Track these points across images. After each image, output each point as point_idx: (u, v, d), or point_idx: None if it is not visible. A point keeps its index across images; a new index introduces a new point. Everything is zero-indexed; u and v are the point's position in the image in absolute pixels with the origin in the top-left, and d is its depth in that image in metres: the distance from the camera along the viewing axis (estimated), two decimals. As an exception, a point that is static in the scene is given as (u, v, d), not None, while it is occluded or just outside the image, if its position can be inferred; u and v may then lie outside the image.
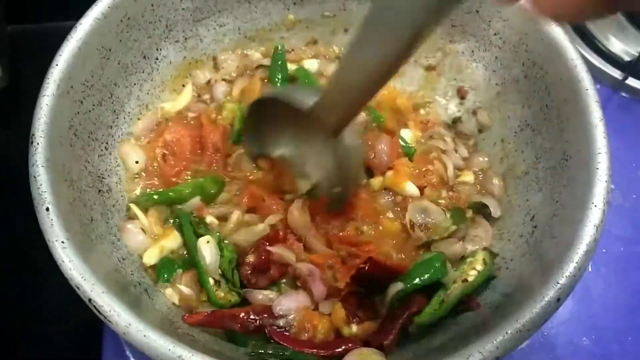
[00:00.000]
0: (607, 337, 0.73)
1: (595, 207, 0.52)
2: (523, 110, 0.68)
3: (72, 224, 0.53)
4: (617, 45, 0.92)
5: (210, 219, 0.64)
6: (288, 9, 0.76)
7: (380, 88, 0.49)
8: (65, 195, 0.55)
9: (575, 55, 0.61)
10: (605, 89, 0.90)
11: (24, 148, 0.55)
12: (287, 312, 0.57)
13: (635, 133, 0.87)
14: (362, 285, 0.60)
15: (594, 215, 0.52)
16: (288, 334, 0.56)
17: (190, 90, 0.74)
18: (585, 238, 0.51)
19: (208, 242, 0.61)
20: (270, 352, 0.54)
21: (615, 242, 0.78)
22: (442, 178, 0.68)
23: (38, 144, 0.54)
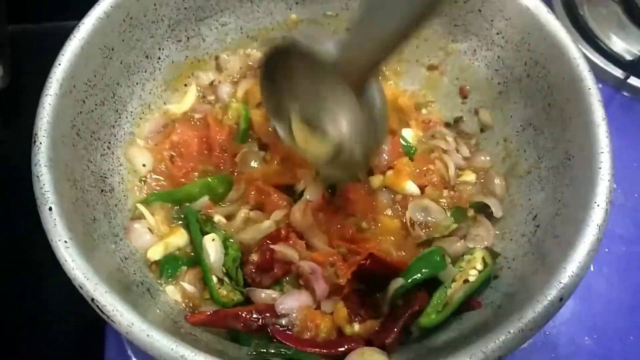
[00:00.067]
0: (608, 336, 0.72)
1: (598, 206, 0.52)
2: (525, 110, 0.68)
3: (74, 224, 0.53)
4: (618, 45, 0.92)
5: (218, 218, 0.64)
6: (290, 9, 0.76)
7: (409, 33, 0.43)
8: (68, 195, 0.55)
9: (578, 54, 0.61)
10: (607, 88, 0.90)
11: (25, 148, 0.55)
12: (289, 311, 0.57)
13: (637, 132, 0.87)
14: (363, 282, 0.60)
15: (597, 215, 0.52)
16: (290, 333, 0.56)
17: (195, 92, 0.74)
18: (588, 237, 0.51)
19: (213, 240, 0.61)
20: (273, 351, 0.54)
21: (617, 241, 0.78)
22: (443, 178, 0.68)
23: (41, 144, 0.54)
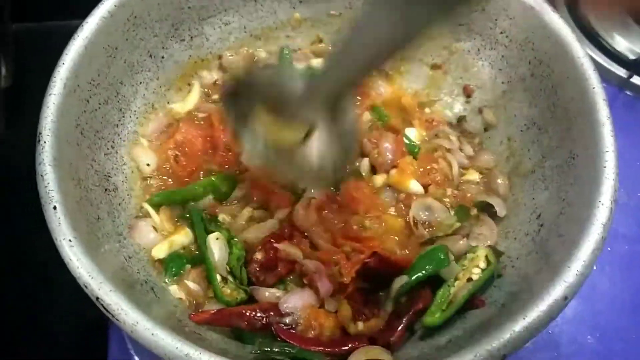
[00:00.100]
0: (611, 335, 0.72)
1: (603, 205, 0.52)
2: (529, 109, 0.67)
3: (79, 223, 0.52)
4: (622, 44, 0.92)
5: (223, 217, 0.64)
6: (294, 8, 0.76)
7: (385, 62, 0.45)
8: (72, 194, 0.55)
9: (582, 54, 0.61)
10: (610, 88, 0.89)
11: (28, 147, 0.55)
12: (293, 310, 0.57)
13: (641, 131, 0.87)
14: (367, 281, 0.60)
15: (602, 214, 0.52)
16: (294, 332, 0.56)
17: (199, 91, 0.73)
18: (593, 236, 0.51)
19: (218, 238, 0.61)
20: (277, 350, 0.54)
21: (620, 240, 0.78)
22: (446, 176, 0.68)
23: (45, 143, 0.54)
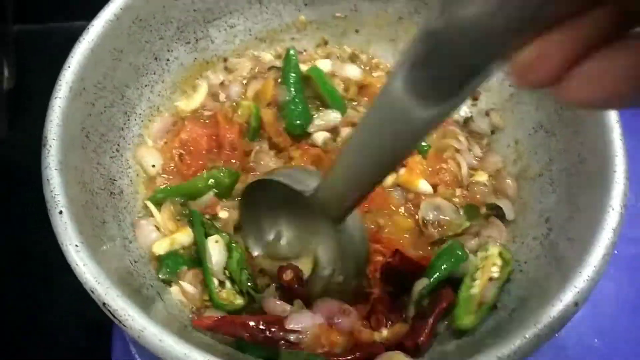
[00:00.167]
0: (617, 338, 0.72)
1: (613, 210, 0.52)
2: (537, 112, 0.67)
3: (85, 227, 0.52)
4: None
5: (224, 214, 0.63)
6: (299, 10, 0.76)
7: (388, 174, 0.44)
8: (78, 198, 0.54)
9: (590, 55, 0.61)
10: (616, 89, 0.89)
11: (30, 149, 0.54)
12: (299, 329, 0.54)
13: (647, 133, 0.86)
14: (390, 283, 0.59)
15: (612, 218, 0.51)
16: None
17: (205, 90, 0.73)
18: (604, 241, 0.51)
19: (217, 242, 0.60)
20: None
21: (627, 243, 0.77)
22: (455, 177, 0.68)
23: (51, 147, 0.53)
